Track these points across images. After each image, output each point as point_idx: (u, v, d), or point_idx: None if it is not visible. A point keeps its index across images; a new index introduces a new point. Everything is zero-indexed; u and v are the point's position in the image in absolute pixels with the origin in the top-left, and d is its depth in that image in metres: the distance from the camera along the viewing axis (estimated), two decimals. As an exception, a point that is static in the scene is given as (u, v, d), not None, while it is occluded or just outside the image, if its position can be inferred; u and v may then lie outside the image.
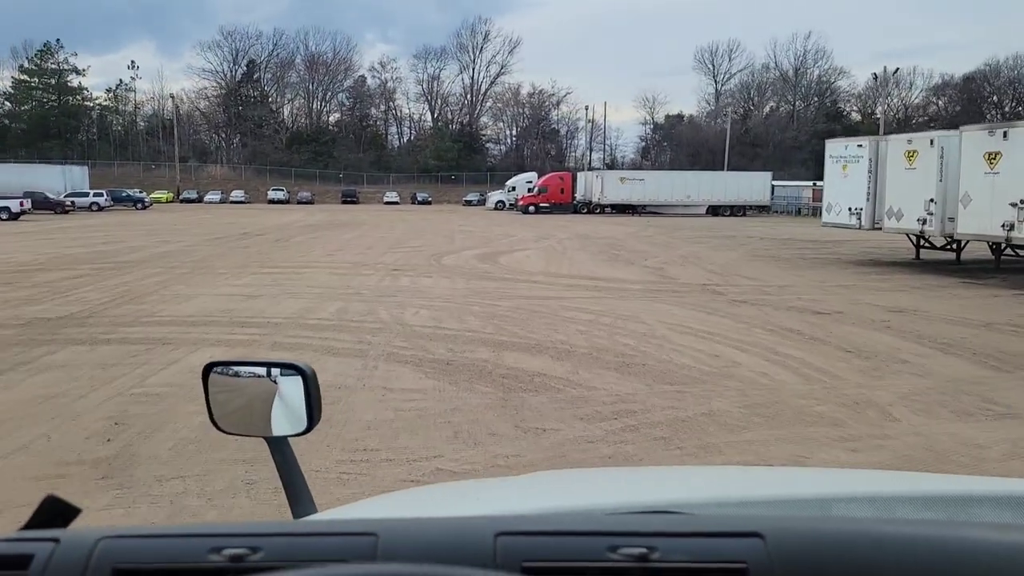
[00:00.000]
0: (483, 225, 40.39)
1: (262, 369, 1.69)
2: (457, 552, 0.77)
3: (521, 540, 0.79)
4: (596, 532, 0.80)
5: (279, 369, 1.66)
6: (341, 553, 0.76)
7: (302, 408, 1.60)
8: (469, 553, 0.77)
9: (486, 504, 1.54)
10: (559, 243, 27.67)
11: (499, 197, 66.77)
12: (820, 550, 0.77)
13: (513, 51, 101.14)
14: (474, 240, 28.68)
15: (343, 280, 15.92)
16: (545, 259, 21.46)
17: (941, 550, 0.78)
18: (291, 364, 1.63)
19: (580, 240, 29.37)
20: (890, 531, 0.81)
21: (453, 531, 0.82)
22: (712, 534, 0.80)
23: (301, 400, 1.60)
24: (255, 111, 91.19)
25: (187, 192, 74.60)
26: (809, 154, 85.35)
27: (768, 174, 58.91)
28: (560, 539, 0.80)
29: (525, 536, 0.79)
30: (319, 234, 31.41)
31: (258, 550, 0.76)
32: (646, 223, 44.20)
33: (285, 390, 1.63)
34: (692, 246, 26.67)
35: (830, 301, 13.61)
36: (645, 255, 22.83)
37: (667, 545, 0.77)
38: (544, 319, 11.49)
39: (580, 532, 0.81)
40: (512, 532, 0.80)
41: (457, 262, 20.17)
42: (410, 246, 25.40)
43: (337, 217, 48.69)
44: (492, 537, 0.78)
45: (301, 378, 1.61)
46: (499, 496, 1.68)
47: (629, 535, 0.79)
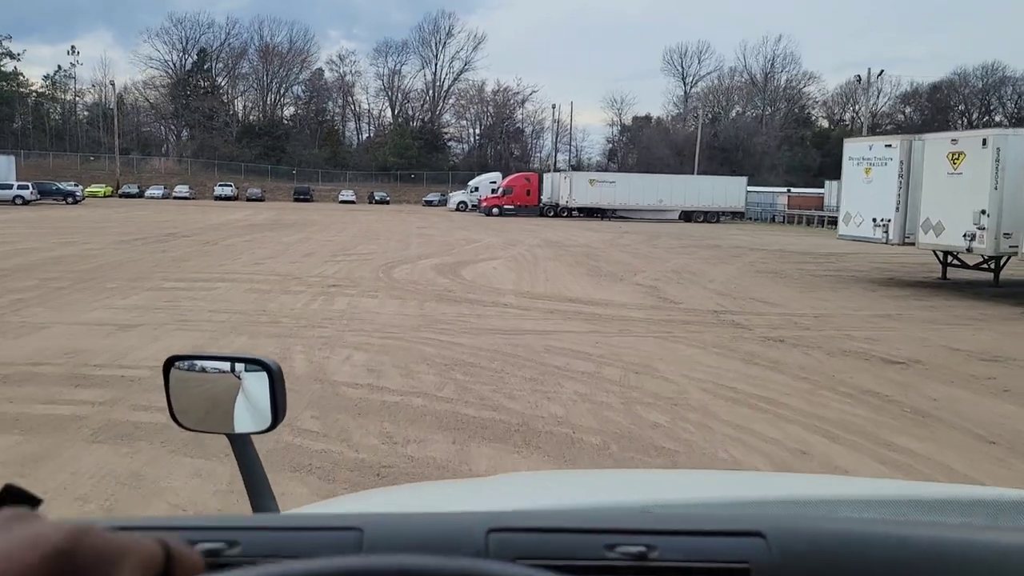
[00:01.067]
0: (444, 228, 37.02)
1: (226, 364, 1.62)
2: (447, 548, 0.74)
3: (514, 537, 0.76)
4: (593, 529, 0.78)
5: (244, 364, 1.58)
6: (324, 548, 0.72)
7: (266, 405, 1.52)
8: (460, 549, 0.74)
9: (476, 502, 1.45)
10: (529, 251, 24.43)
11: (461, 198, 63.36)
12: (824, 550, 0.76)
13: (478, 47, 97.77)
14: (433, 246, 25.31)
15: (262, 301, 12.49)
16: (516, 272, 18.20)
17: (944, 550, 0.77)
18: (256, 359, 1.55)
19: (552, 248, 26.16)
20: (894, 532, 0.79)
21: (442, 526, 0.79)
22: (713, 533, 0.78)
23: (266, 397, 1.52)
24: (205, 102, 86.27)
25: (127, 186, 69.77)
26: (779, 160, 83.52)
27: (743, 179, 56.37)
28: (555, 536, 0.77)
29: (518, 532, 0.77)
30: (257, 236, 27.76)
31: (235, 544, 0.72)
32: (619, 229, 41.21)
33: (249, 386, 1.56)
34: (679, 257, 23.63)
35: (891, 340, 10.56)
36: (631, 269, 19.69)
37: (666, 543, 0.75)
38: (526, 370, 8.23)
39: (576, 529, 0.78)
40: (505, 528, 0.77)
41: (411, 275, 16.82)
42: (358, 253, 21.95)
43: (285, 216, 44.89)
44: (484, 533, 0.75)
45: (266, 374, 1.52)
46: (490, 494, 1.59)
47: (627, 533, 0.76)
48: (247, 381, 1.57)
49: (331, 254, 21.26)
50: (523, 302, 13.32)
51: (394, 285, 15.02)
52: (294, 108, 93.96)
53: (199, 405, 1.63)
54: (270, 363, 1.53)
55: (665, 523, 0.81)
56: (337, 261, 19.34)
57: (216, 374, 1.63)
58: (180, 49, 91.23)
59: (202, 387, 1.63)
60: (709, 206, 54.04)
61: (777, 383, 8.00)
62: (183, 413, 1.59)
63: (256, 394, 1.55)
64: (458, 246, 25.67)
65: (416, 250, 23.58)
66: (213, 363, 1.65)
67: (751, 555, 0.74)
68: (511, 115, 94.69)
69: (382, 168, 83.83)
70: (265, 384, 1.53)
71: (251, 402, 1.56)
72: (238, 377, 1.59)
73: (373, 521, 0.77)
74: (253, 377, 1.56)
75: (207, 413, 1.63)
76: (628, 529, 0.77)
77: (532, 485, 1.77)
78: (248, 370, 1.57)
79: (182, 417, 1.59)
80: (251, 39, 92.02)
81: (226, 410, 1.58)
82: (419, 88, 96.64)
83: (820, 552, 0.76)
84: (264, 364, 1.53)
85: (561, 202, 54.36)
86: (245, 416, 1.57)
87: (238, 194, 71.22)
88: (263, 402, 1.53)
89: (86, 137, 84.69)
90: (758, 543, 0.75)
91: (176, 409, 1.59)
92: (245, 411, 1.57)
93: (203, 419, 1.62)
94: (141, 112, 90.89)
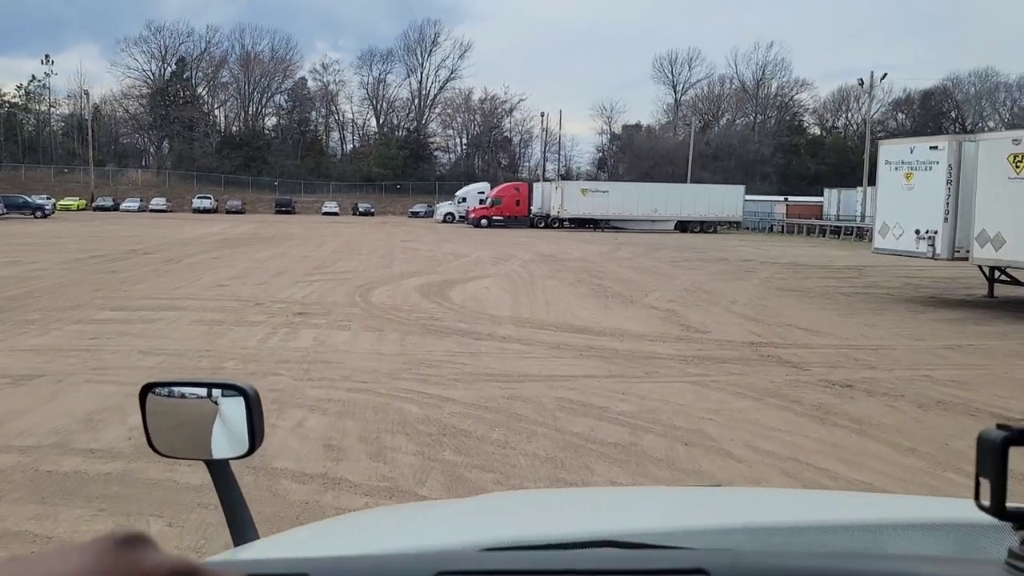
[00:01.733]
0: (430, 241, 34.92)
1: (203, 390, 1.61)
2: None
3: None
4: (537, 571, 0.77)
5: (220, 390, 1.58)
6: None
7: (244, 430, 1.52)
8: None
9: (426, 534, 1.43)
10: (523, 267, 22.36)
11: (448, 209, 61.27)
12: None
13: (464, 55, 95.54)
14: (419, 262, 23.19)
15: (209, 336, 10.34)
16: (511, 293, 16.12)
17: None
18: (233, 384, 1.56)
19: (547, 263, 24.10)
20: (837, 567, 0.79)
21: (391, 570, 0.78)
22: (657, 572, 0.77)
23: (243, 422, 1.52)
24: (184, 112, 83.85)
25: (101, 199, 67.26)
26: (773, 168, 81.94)
27: (740, 188, 54.57)
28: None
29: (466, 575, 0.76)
30: (228, 252, 25.57)
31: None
32: (615, 240, 39.23)
33: (226, 411, 1.55)
34: (688, 272, 21.61)
35: (984, 384, 8.53)
36: (639, 287, 17.65)
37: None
38: (538, 442, 6.14)
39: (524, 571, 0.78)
40: (454, 572, 0.76)
41: (392, 299, 14.70)
42: (335, 271, 19.82)
43: (263, 229, 42.69)
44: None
45: (243, 399, 1.53)
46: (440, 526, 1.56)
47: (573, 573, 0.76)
48: (224, 406, 1.56)
49: (305, 273, 19.10)
50: (524, 333, 11.23)
51: (372, 312, 12.90)
52: (276, 118, 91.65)
53: (176, 431, 1.63)
54: (247, 388, 1.53)
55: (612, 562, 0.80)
56: (311, 281, 17.19)
57: (193, 400, 1.62)
58: (159, 59, 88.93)
59: (179, 413, 1.63)
60: (705, 215, 52.19)
61: (879, 460, 5.93)
62: (160, 440, 1.58)
63: (233, 419, 1.54)
64: (445, 262, 23.57)
65: (400, 267, 21.46)
66: (189, 389, 1.64)
67: None
68: (498, 124, 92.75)
69: (367, 179, 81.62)
70: (242, 409, 1.52)
71: (228, 427, 1.55)
72: (215, 402, 1.57)
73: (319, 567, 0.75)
74: (230, 402, 1.55)
75: (184, 439, 1.63)
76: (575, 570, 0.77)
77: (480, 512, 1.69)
78: (225, 395, 1.57)
79: (159, 444, 1.58)
80: (231, 47, 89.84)
81: (204, 436, 1.57)
82: (404, 97, 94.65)
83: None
84: (240, 389, 1.54)
85: (552, 213, 52.42)
86: (223, 441, 1.55)
87: (217, 206, 68.86)
88: (240, 427, 1.53)
89: (61, 149, 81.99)
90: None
91: (153, 436, 1.58)
92: (223, 436, 1.55)
93: (180, 445, 1.62)
94: (119, 123, 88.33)
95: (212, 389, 1.59)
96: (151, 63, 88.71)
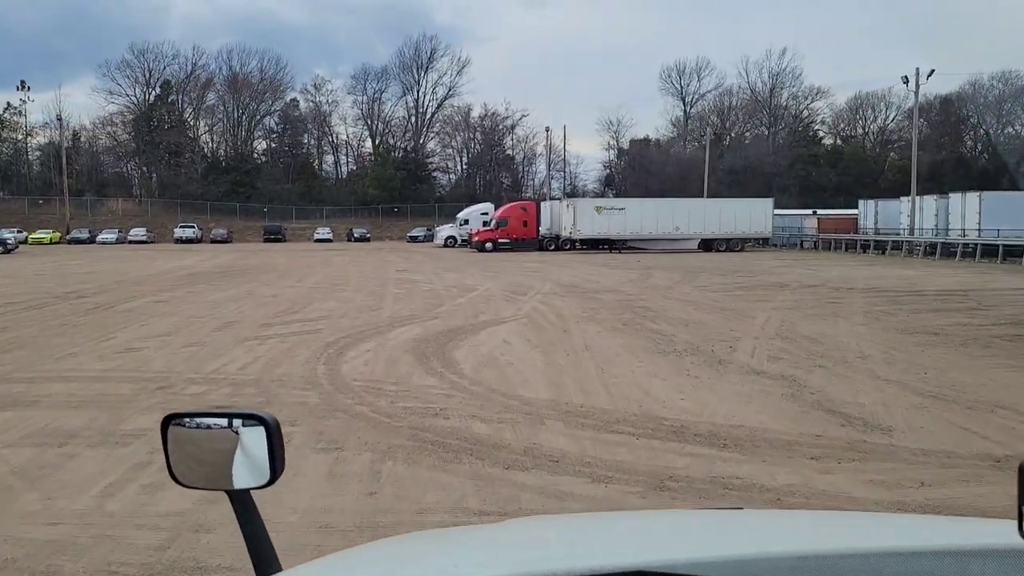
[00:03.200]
0: (430, 270, 30.29)
1: (223, 420, 1.60)
2: None
3: None
4: None
5: (240, 420, 1.57)
6: None
7: (265, 459, 1.53)
8: None
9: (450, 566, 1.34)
10: (546, 303, 17.69)
11: (449, 232, 56.79)
12: None
13: (462, 71, 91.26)
14: (415, 300, 18.52)
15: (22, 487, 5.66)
16: (543, 349, 11.44)
17: None
18: (253, 414, 1.57)
19: (574, 296, 19.44)
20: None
21: None
22: None
23: (264, 451, 1.53)
24: (168, 137, 79.62)
25: (77, 231, 62.77)
26: (791, 180, 77.36)
27: (769, 201, 49.89)
28: None
29: None
30: (183, 292, 20.93)
31: None
32: (639, 263, 34.58)
33: (247, 441, 1.55)
34: (761, 307, 16.88)
35: None
36: (713, 334, 12.95)
37: None
38: None
39: None
40: None
41: (371, 368, 10.03)
42: (304, 318, 15.16)
43: (243, 261, 38.14)
44: None
45: (263, 428, 1.54)
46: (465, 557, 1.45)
47: None
48: (245, 436, 1.55)
49: (263, 323, 14.44)
50: (585, 445, 6.53)
51: (335, 401, 8.20)
52: (266, 141, 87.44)
53: (198, 462, 1.61)
54: (267, 417, 1.54)
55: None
56: (264, 338, 12.51)
57: (214, 430, 1.60)
58: (143, 83, 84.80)
59: (200, 444, 1.61)
60: (731, 232, 47.57)
61: None
62: (182, 470, 1.59)
63: (254, 449, 1.53)
64: (448, 299, 18.90)
65: (390, 309, 16.78)
66: (210, 419, 1.62)
67: None
68: (500, 142, 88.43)
69: (362, 202, 77.16)
70: (263, 439, 1.52)
71: (249, 457, 1.54)
72: (236, 432, 1.56)
73: None
74: (251, 432, 1.54)
75: (206, 470, 1.61)
76: None
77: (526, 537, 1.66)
78: (246, 425, 1.56)
79: (181, 475, 1.59)
80: (219, 69, 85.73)
81: (225, 466, 1.55)
82: (401, 116, 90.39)
83: None
84: (261, 418, 1.54)
85: (564, 233, 47.84)
86: (244, 472, 1.54)
87: (202, 236, 64.38)
88: (261, 457, 1.52)
89: (38, 179, 77.60)
90: None
91: (175, 467, 1.59)
92: (243, 467, 1.54)
93: (202, 476, 1.61)
94: (102, 151, 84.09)
95: (232, 419, 1.58)
96: (135, 87, 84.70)
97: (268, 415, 1.55)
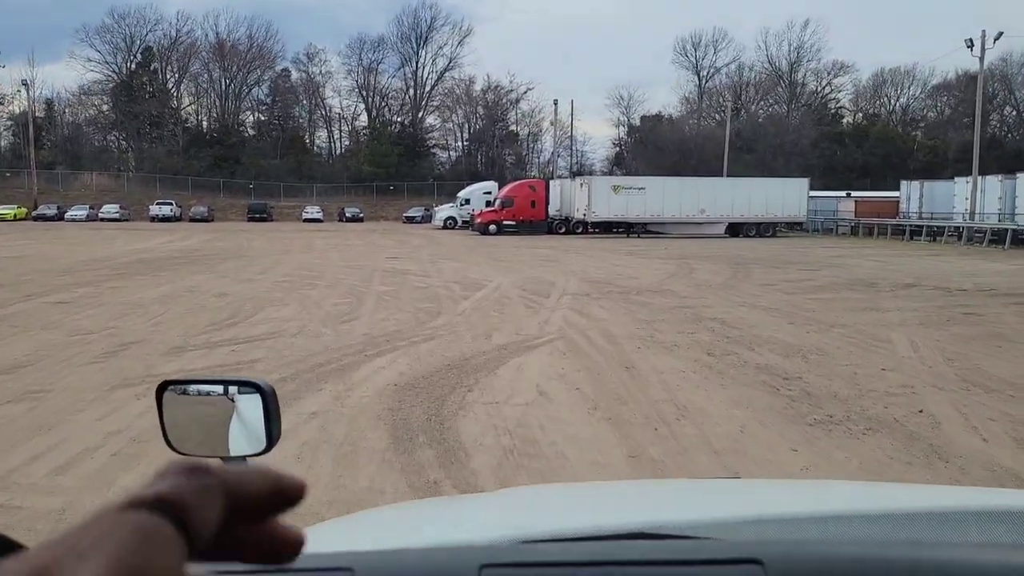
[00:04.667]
0: (426, 258, 25.64)
1: (219, 387, 1.57)
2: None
3: (508, 572, 0.73)
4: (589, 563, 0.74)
5: (236, 387, 1.53)
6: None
7: (260, 427, 1.47)
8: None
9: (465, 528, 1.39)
10: (583, 313, 13.05)
11: (448, 213, 52.10)
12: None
13: (463, 42, 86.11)
14: (404, 305, 13.88)
15: None
16: (610, 419, 6.79)
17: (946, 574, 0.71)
18: (249, 381, 1.51)
19: (615, 299, 14.80)
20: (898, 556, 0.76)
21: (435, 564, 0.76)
22: (711, 561, 0.75)
23: (260, 419, 1.47)
24: (148, 106, 74.53)
25: (44, 207, 57.87)
26: (815, 159, 72.43)
27: (804, 181, 45.10)
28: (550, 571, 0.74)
29: (512, 568, 0.74)
30: (114, 286, 16.28)
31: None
32: (668, 251, 29.93)
33: (243, 408, 1.51)
34: (871, 319, 12.21)
35: None
36: (861, 378, 8.28)
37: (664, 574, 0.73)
38: None
39: (572, 563, 0.74)
40: (498, 564, 0.74)
41: (308, 463, 5.40)
42: (244, 335, 10.52)
43: (216, 243, 33.49)
44: (476, 570, 0.72)
45: (260, 396, 1.48)
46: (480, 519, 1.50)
47: (625, 564, 0.74)
48: (240, 403, 1.52)
49: (176, 345, 9.81)
50: None
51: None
52: (254, 114, 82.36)
53: (193, 429, 1.57)
54: (263, 384, 1.50)
55: (663, 552, 0.77)
56: (157, 380, 7.90)
57: (209, 397, 1.57)
58: (124, 50, 79.60)
59: (196, 411, 1.58)
60: (762, 216, 42.89)
61: None
62: (177, 437, 1.52)
63: (250, 416, 1.50)
64: (449, 302, 14.26)
65: (367, 321, 12.16)
66: (205, 386, 1.60)
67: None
68: (503, 117, 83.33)
69: (356, 179, 72.25)
70: (259, 406, 1.49)
71: (245, 425, 1.51)
72: (231, 400, 1.54)
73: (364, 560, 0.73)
74: (246, 399, 1.51)
75: (201, 437, 1.57)
76: (627, 560, 0.74)
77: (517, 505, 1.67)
78: (241, 392, 1.53)
79: (176, 442, 1.51)
80: (205, 36, 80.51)
81: (221, 433, 1.52)
82: (398, 88, 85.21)
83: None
84: (256, 386, 1.50)
85: (576, 215, 43.12)
86: (240, 439, 1.51)
87: (181, 214, 59.58)
88: (257, 424, 1.49)
89: (8, 151, 72.58)
90: (756, 571, 0.72)
91: (170, 434, 1.52)
92: (240, 434, 1.51)
93: (198, 443, 1.54)
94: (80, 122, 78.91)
95: (228, 386, 1.55)
96: (116, 55, 79.46)
97: (264, 382, 1.49)
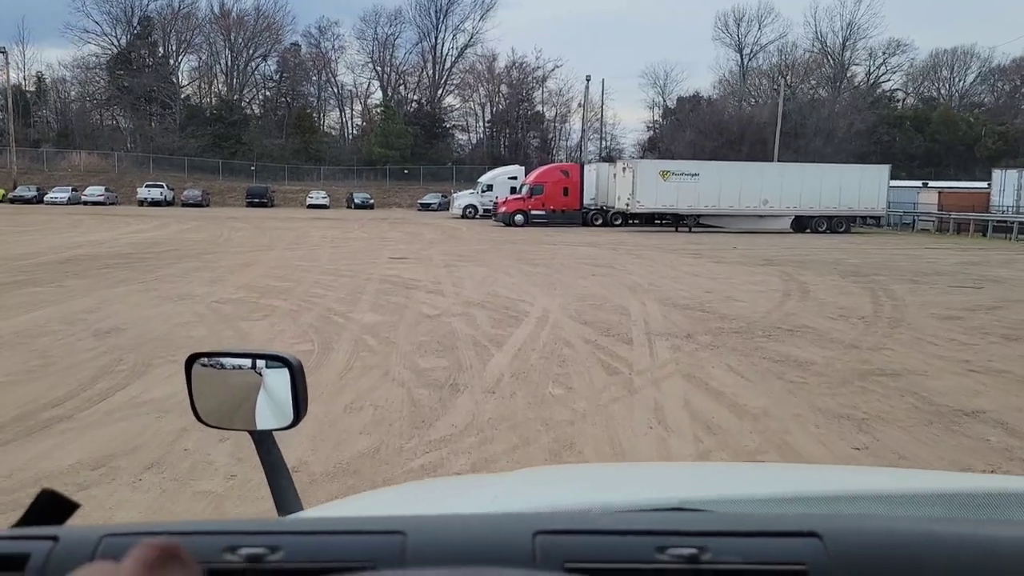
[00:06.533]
0: (440, 259, 19.90)
1: (247, 361, 1.57)
2: (494, 552, 0.71)
3: (562, 539, 0.73)
4: (642, 531, 0.75)
5: (264, 361, 1.54)
6: (367, 552, 0.70)
7: (288, 401, 1.49)
8: (507, 553, 0.71)
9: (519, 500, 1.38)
10: (702, 375, 7.28)
11: (468, 200, 46.31)
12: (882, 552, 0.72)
13: (486, 15, 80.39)
14: (398, 354, 8.15)
15: None
16: None
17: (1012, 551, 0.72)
18: (277, 355, 1.52)
19: (726, 341, 8.98)
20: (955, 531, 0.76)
21: (488, 529, 0.76)
22: (766, 533, 0.75)
23: (287, 393, 1.50)
24: (144, 78, 69.08)
25: (22, 188, 52.65)
26: (873, 146, 65.88)
27: (884, 169, 38.75)
28: (603, 538, 0.74)
29: (566, 535, 0.74)
30: (13, 299, 10.73)
31: (277, 549, 0.69)
32: (735, 249, 24.01)
33: (271, 382, 1.53)
34: None
35: None
36: None
37: (718, 545, 0.72)
38: None
39: (625, 531, 0.75)
40: (551, 531, 0.74)
41: None
42: (145, 399, 4.83)
43: (191, 234, 27.96)
44: (530, 536, 0.72)
45: (287, 370, 1.49)
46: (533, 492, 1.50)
47: (678, 534, 0.74)
48: (268, 377, 1.52)
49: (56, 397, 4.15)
50: None
51: None
52: (260, 91, 76.71)
53: (221, 402, 1.58)
54: (291, 359, 1.49)
55: (718, 524, 0.77)
56: None
57: (238, 371, 1.57)
58: (124, 21, 74.20)
59: (224, 384, 1.58)
60: (836, 209, 36.78)
61: None
62: (206, 410, 1.55)
63: (278, 390, 1.50)
64: (471, 359, 8.48)
65: (318, 419, 6.43)
66: (234, 360, 1.59)
67: (807, 556, 0.71)
68: (529, 96, 77.30)
69: (367, 162, 66.56)
70: (287, 380, 1.49)
71: (273, 399, 1.51)
72: (259, 374, 1.54)
73: (416, 525, 0.74)
74: (274, 373, 1.51)
75: (229, 410, 1.58)
76: (679, 531, 0.74)
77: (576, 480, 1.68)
78: (269, 366, 1.52)
79: (205, 414, 1.54)
80: (208, 5, 74.95)
81: (248, 407, 1.53)
82: (415, 63, 79.33)
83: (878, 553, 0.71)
84: (285, 360, 1.50)
85: (618, 204, 37.15)
86: (267, 413, 1.52)
87: (173, 197, 54.17)
88: (284, 398, 1.49)
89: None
90: (814, 544, 0.72)
91: (199, 406, 1.54)
92: (267, 408, 1.52)
93: (225, 416, 1.58)
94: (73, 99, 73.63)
95: (256, 360, 1.54)
96: (115, 26, 74.11)
97: (292, 357, 1.50)
